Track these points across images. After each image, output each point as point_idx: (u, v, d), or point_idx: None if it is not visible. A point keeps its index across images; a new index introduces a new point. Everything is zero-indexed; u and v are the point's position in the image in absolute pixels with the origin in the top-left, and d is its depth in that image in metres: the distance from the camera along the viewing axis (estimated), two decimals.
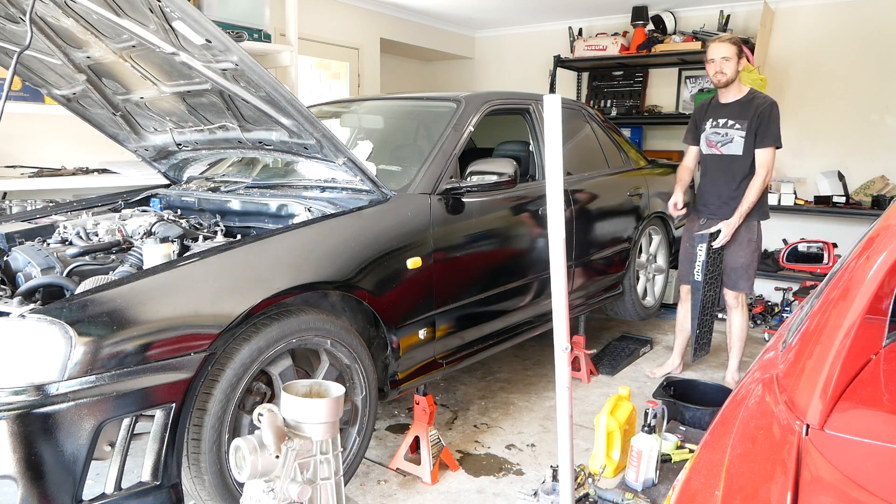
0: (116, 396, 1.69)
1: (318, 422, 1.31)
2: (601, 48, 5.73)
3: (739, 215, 3.31)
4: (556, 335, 1.65)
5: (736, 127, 3.34)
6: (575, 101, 4.46)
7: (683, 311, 3.68)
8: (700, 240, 3.40)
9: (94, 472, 1.96)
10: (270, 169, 3.14)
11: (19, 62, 2.42)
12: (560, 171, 1.60)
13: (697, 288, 3.46)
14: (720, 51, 3.30)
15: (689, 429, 2.96)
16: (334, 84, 5.83)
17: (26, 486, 1.59)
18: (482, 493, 2.55)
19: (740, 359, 3.60)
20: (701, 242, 3.39)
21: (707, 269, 3.40)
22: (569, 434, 1.70)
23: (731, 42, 3.31)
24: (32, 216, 2.76)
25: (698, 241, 3.41)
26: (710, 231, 3.37)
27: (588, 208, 3.67)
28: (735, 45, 3.29)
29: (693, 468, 1.16)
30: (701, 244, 3.39)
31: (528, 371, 3.86)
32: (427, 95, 3.50)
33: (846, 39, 5.01)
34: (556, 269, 1.63)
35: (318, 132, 2.29)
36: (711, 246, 3.37)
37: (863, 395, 1.12)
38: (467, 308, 2.86)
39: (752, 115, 3.30)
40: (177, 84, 2.40)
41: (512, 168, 2.76)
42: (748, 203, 3.29)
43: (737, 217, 3.31)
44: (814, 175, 5.12)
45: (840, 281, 1.34)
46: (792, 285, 4.93)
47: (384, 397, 2.59)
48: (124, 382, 1.71)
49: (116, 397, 1.69)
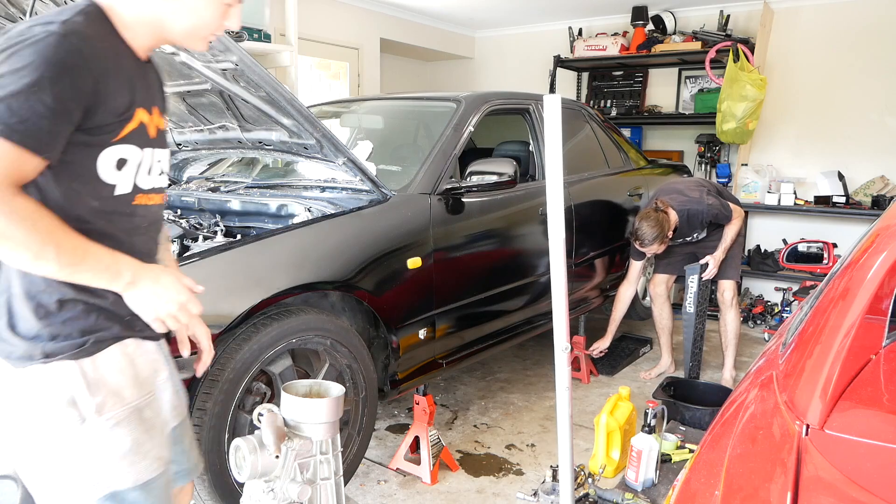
0: None
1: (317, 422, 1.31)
2: (601, 48, 5.72)
3: (723, 250, 3.47)
4: (556, 335, 1.65)
5: (695, 234, 3.50)
6: (575, 101, 4.46)
7: (658, 310, 3.77)
8: (691, 272, 3.52)
9: None
10: (270, 169, 3.14)
11: None
12: (560, 171, 1.60)
13: (690, 320, 3.55)
14: (652, 249, 3.34)
15: (689, 429, 2.96)
16: (334, 84, 5.83)
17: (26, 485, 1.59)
18: (482, 493, 2.55)
19: (735, 357, 3.62)
20: (692, 274, 3.51)
21: (698, 301, 3.50)
22: (569, 434, 1.70)
23: (657, 234, 3.25)
24: None
25: (690, 273, 3.52)
26: (700, 263, 3.50)
27: (588, 208, 3.67)
28: (658, 227, 3.25)
29: (693, 468, 1.16)
30: (692, 276, 3.51)
31: (528, 371, 3.86)
32: (427, 95, 3.51)
33: (846, 39, 5.01)
34: (556, 269, 1.63)
35: (318, 132, 2.29)
36: (702, 277, 3.48)
37: (863, 395, 1.12)
38: (467, 308, 2.86)
39: (699, 223, 3.41)
40: (177, 84, 2.40)
41: (512, 168, 2.76)
42: (729, 240, 3.46)
43: (721, 252, 3.47)
44: (814, 175, 5.12)
45: (840, 281, 1.34)
46: (792, 285, 4.92)
47: (384, 397, 2.59)
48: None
49: None
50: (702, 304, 3.54)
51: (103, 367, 1.16)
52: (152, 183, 1.23)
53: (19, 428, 1.15)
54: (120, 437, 1.16)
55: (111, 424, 1.15)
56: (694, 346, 3.58)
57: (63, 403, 1.13)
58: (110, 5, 1.13)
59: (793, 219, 5.18)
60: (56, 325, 1.12)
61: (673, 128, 5.93)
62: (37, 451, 1.16)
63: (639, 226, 3.29)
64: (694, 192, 3.42)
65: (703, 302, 3.56)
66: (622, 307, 3.71)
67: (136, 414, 1.19)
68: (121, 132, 1.12)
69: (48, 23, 1.02)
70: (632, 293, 3.70)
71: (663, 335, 3.80)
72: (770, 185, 5.05)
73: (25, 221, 0.99)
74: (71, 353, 1.12)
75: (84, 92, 1.04)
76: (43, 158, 1.02)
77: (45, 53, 0.99)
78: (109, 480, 1.16)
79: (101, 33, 1.10)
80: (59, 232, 1.03)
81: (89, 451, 1.15)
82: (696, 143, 5.59)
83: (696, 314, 3.52)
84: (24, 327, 1.11)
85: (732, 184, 5.29)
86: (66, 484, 1.16)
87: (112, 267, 1.10)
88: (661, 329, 3.79)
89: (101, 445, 1.15)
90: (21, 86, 0.98)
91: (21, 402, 1.14)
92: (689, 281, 3.51)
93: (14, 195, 1.00)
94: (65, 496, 1.16)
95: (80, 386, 1.13)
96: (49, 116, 1.00)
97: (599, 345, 3.74)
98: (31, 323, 1.11)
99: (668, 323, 3.76)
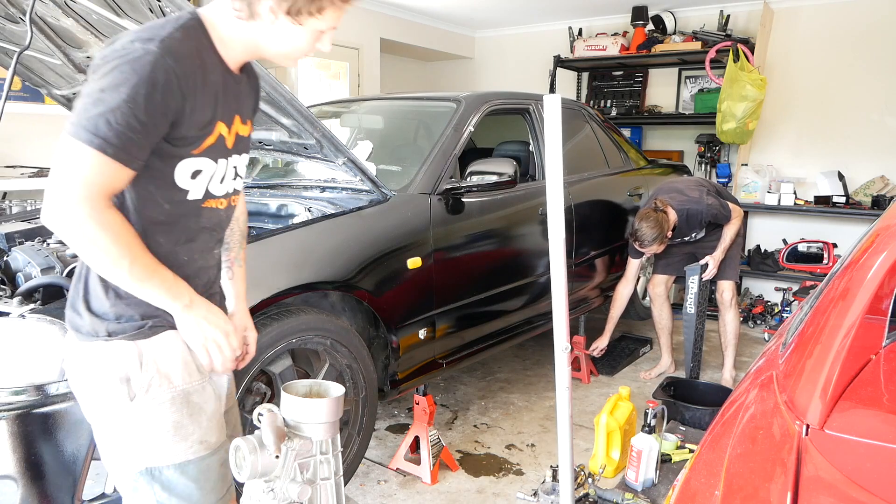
0: None
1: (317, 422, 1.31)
2: (601, 48, 5.73)
3: (722, 250, 3.47)
4: (556, 335, 1.65)
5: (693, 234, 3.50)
6: (575, 101, 4.46)
7: (658, 311, 3.77)
8: (692, 272, 3.52)
9: (94, 472, 1.96)
10: (270, 169, 3.14)
11: (19, 62, 2.42)
12: (560, 171, 1.60)
13: (690, 320, 3.55)
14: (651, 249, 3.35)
15: (689, 429, 2.96)
16: (334, 84, 5.83)
17: (26, 486, 1.59)
18: (482, 493, 2.55)
19: (735, 357, 3.63)
20: (693, 275, 3.52)
21: (698, 301, 3.51)
22: (569, 434, 1.70)
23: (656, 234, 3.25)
24: (32, 216, 2.76)
25: (690, 273, 3.53)
26: (700, 264, 3.50)
27: (588, 208, 3.67)
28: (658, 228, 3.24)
29: (693, 468, 1.16)
30: (693, 276, 3.51)
31: (528, 371, 3.86)
32: (427, 95, 3.51)
33: (846, 39, 5.01)
34: (556, 269, 1.63)
35: (318, 132, 2.29)
36: (702, 278, 3.49)
37: (863, 395, 1.12)
38: (467, 308, 2.86)
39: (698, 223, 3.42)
40: None
41: (512, 168, 2.76)
42: (728, 240, 3.47)
43: (720, 252, 3.47)
44: (814, 175, 5.12)
45: (840, 281, 1.34)
46: (792, 285, 4.92)
47: (384, 397, 2.59)
48: None
49: None
50: (701, 305, 3.55)
51: (157, 350, 1.24)
52: (224, 189, 1.30)
53: (82, 395, 1.28)
54: (163, 416, 1.24)
55: (156, 404, 1.23)
56: (694, 347, 3.58)
57: (117, 380, 1.22)
58: (211, 21, 1.20)
59: (793, 219, 5.18)
60: (121, 307, 1.22)
61: (673, 128, 5.93)
62: (94, 420, 1.28)
63: (638, 226, 3.29)
64: (693, 191, 3.42)
65: (703, 302, 3.56)
66: (620, 305, 3.71)
67: (182, 397, 1.25)
68: (201, 146, 1.20)
69: (148, 39, 1.09)
70: (629, 291, 3.70)
71: (663, 335, 3.80)
72: (770, 185, 5.05)
73: (111, 233, 1.10)
74: (131, 333, 1.22)
75: (173, 109, 1.12)
76: (132, 170, 1.11)
77: (141, 72, 1.07)
78: (148, 457, 1.24)
79: (196, 49, 1.16)
80: (136, 248, 1.13)
81: (134, 427, 1.24)
82: (696, 143, 5.59)
83: (695, 314, 3.53)
84: (96, 305, 1.22)
85: (732, 184, 5.29)
86: (114, 453, 1.27)
87: (174, 289, 1.19)
88: (661, 329, 3.79)
89: (144, 423, 1.23)
90: (118, 101, 1.06)
91: (83, 374, 1.25)
92: (689, 282, 3.52)
93: (107, 207, 1.10)
94: (114, 464, 1.29)
95: (134, 365, 1.22)
96: (141, 131, 1.08)
97: (598, 343, 3.75)
98: (101, 302, 1.22)
99: (667, 323, 3.76)
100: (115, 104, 1.05)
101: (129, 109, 1.06)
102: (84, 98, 1.08)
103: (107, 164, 1.07)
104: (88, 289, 1.24)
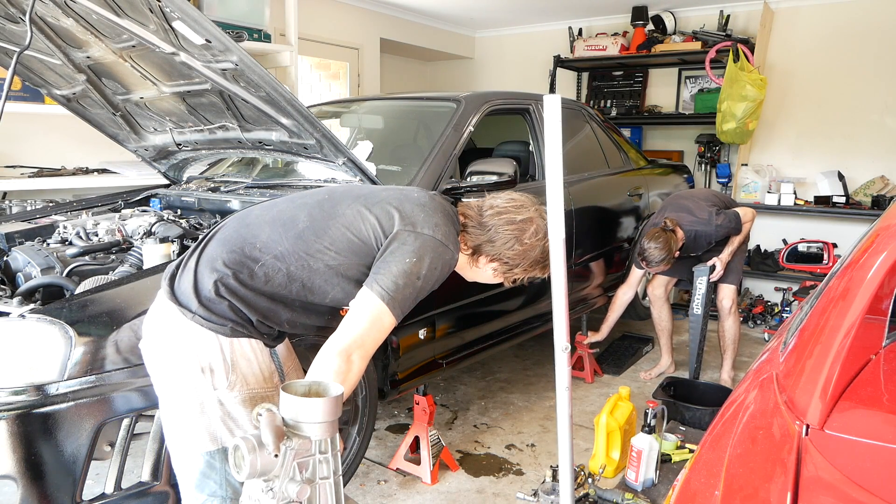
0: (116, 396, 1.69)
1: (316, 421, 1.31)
2: (601, 48, 5.72)
3: (730, 252, 3.46)
4: (556, 335, 1.64)
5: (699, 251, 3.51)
6: (575, 101, 4.46)
7: (657, 312, 3.77)
8: (700, 273, 3.50)
9: (94, 472, 1.96)
10: (270, 169, 3.14)
11: (19, 62, 2.42)
12: (560, 171, 1.60)
13: (697, 321, 3.53)
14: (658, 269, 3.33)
15: (689, 429, 2.96)
16: (334, 84, 5.83)
17: (26, 486, 1.59)
18: (482, 493, 2.55)
19: (734, 359, 3.63)
20: (701, 276, 3.50)
21: (705, 302, 3.50)
22: (569, 434, 1.70)
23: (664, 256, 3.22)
24: (32, 216, 2.76)
25: (698, 274, 3.51)
26: (708, 265, 3.49)
27: (588, 209, 3.66)
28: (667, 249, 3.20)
29: (693, 468, 1.16)
30: (701, 277, 3.49)
31: (528, 371, 3.86)
32: (427, 95, 3.50)
33: (846, 39, 5.01)
34: (556, 269, 1.63)
35: (317, 132, 2.29)
36: (710, 279, 3.48)
37: (863, 395, 1.12)
38: (467, 308, 2.86)
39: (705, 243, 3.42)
40: (177, 84, 2.40)
41: (512, 168, 2.76)
42: (737, 243, 3.47)
43: (727, 254, 3.47)
44: (814, 175, 5.12)
45: (840, 281, 1.34)
46: (792, 285, 4.92)
47: (384, 397, 2.58)
48: (124, 382, 1.71)
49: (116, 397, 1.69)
50: (706, 306, 3.53)
51: (237, 352, 1.47)
52: None
53: (169, 367, 1.47)
54: (240, 411, 1.46)
55: (238, 400, 1.46)
56: (699, 348, 3.56)
57: (200, 367, 1.44)
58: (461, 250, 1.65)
59: (793, 219, 5.18)
60: (215, 303, 1.45)
61: (673, 128, 5.93)
62: (170, 394, 1.48)
63: (647, 246, 3.22)
64: (703, 211, 3.36)
65: (709, 303, 3.55)
66: (618, 310, 3.69)
67: (256, 400, 1.47)
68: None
69: (446, 245, 1.54)
70: (629, 297, 3.68)
71: (663, 336, 3.79)
72: (770, 185, 5.05)
73: (357, 379, 1.43)
74: (217, 326, 1.44)
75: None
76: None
77: (436, 264, 1.52)
78: (214, 442, 1.45)
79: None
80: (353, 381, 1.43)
81: (212, 415, 1.44)
82: (696, 143, 5.59)
83: (702, 315, 3.50)
84: (202, 291, 1.46)
85: (732, 184, 5.29)
86: (183, 431, 1.48)
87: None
88: (661, 330, 3.78)
89: (224, 413, 1.45)
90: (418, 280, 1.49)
91: (176, 348, 1.45)
92: (697, 283, 3.49)
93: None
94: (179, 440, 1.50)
95: (218, 358, 1.45)
96: (415, 300, 1.51)
97: (593, 336, 3.70)
98: (207, 290, 1.45)
99: (667, 324, 3.76)
100: (420, 284, 1.53)
101: (419, 282, 1.52)
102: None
103: (392, 325, 1.50)
104: (199, 276, 1.47)
